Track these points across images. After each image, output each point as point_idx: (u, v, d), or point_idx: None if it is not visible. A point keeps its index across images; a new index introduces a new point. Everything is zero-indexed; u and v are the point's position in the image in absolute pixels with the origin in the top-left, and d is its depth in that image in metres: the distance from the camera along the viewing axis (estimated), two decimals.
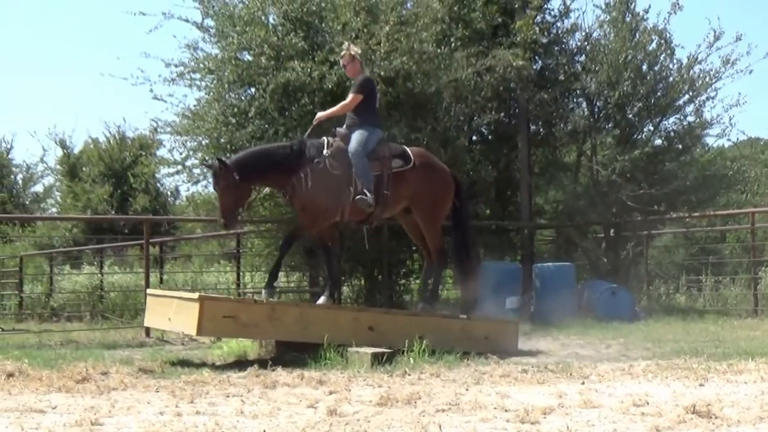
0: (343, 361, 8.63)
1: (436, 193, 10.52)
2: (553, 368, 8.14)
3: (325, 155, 9.94)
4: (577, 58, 17.75)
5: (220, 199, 9.92)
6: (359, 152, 9.98)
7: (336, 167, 9.92)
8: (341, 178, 9.93)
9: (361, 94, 10.30)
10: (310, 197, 9.86)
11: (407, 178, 10.28)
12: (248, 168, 9.78)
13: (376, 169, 10.09)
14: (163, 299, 10.05)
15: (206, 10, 14.88)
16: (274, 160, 9.93)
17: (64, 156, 33.83)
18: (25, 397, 6.72)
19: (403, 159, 10.34)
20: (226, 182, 9.70)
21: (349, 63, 10.64)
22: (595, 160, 17.12)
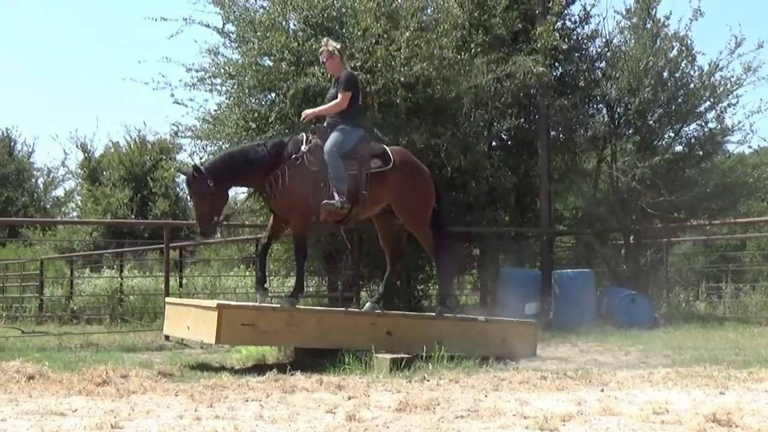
0: (362, 366, 8.62)
1: (418, 194, 10.28)
2: (573, 375, 8.11)
3: (303, 151, 9.69)
4: (597, 64, 17.70)
5: (195, 206, 9.78)
6: (334, 152, 9.70)
7: (314, 164, 9.67)
8: (318, 175, 9.67)
9: (350, 91, 10.01)
10: (291, 194, 9.63)
11: (387, 179, 10.01)
12: (222, 172, 9.55)
13: (354, 168, 9.83)
14: (181, 308, 10.00)
15: (227, 16, 14.97)
16: (249, 159, 9.71)
17: (85, 160, 33.98)
18: (45, 399, 6.75)
19: (383, 159, 10.06)
20: (199, 189, 9.48)
21: (329, 59, 10.33)
22: (615, 166, 17.05)
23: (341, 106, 10.00)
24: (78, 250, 27.08)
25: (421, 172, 10.50)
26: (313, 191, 9.63)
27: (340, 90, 10.02)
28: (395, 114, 14.11)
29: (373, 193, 9.94)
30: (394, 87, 13.85)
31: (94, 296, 19.18)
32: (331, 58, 10.27)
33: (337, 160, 9.67)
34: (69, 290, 20.15)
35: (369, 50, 13.90)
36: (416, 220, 10.30)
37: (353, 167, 9.82)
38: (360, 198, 9.81)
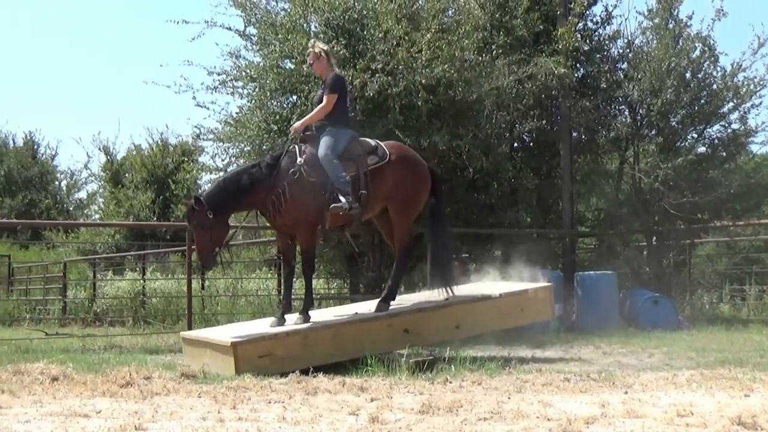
0: (384, 368, 8.61)
1: (412, 187, 10.13)
2: (596, 377, 8.08)
3: (300, 163, 9.55)
4: (619, 65, 17.63)
5: (195, 238, 9.51)
6: (329, 156, 9.58)
7: (312, 174, 9.52)
8: (317, 184, 9.53)
9: (335, 93, 9.87)
10: (297, 210, 9.50)
11: (385, 174, 9.90)
12: (220, 201, 9.36)
13: (351, 169, 9.69)
14: (197, 343, 9.87)
15: (248, 18, 15.01)
16: (245, 184, 9.50)
17: (108, 162, 34.15)
18: (69, 401, 6.79)
19: (378, 155, 9.94)
20: (199, 221, 9.28)
21: (315, 61, 10.18)
22: (638, 167, 16.97)
23: (327, 109, 9.87)
24: (101, 253, 27.21)
25: (420, 166, 10.37)
26: (315, 202, 9.52)
27: (326, 92, 9.91)
28: (416, 116, 14.10)
29: (375, 191, 9.85)
30: (416, 89, 13.84)
31: (117, 298, 19.28)
32: (318, 60, 10.15)
33: (333, 163, 9.56)
34: (92, 292, 20.26)
35: (390, 52, 13.90)
36: (403, 211, 10.14)
37: (350, 168, 9.70)
38: (361, 198, 9.70)
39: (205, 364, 8.99)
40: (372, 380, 7.92)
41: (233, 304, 17.05)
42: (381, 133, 13.73)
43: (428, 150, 14.04)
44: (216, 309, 17.03)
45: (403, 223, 10.18)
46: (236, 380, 7.96)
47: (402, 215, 10.13)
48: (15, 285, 25.22)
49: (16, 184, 36.47)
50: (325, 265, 16.50)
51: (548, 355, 10.72)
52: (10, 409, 6.40)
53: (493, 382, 7.77)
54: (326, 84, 9.97)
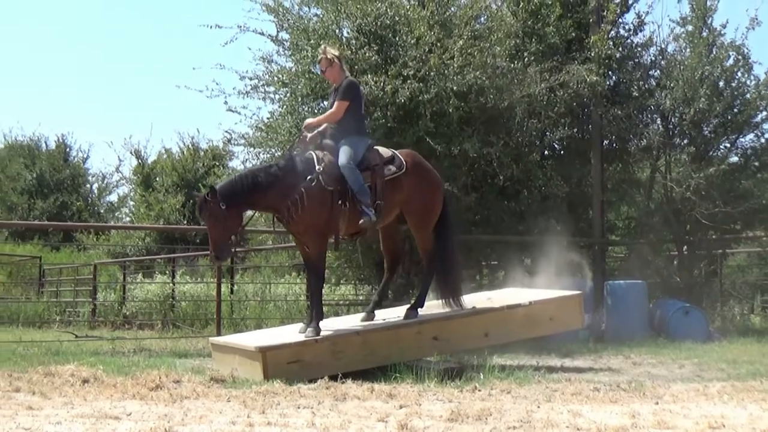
0: (413, 375, 8.59)
1: (428, 196, 10.10)
2: (626, 387, 8.03)
3: (318, 171, 9.38)
4: (651, 73, 17.53)
5: (209, 230, 9.32)
6: (351, 165, 9.46)
7: (330, 183, 9.36)
8: (335, 193, 9.39)
9: (346, 100, 9.74)
10: (311, 217, 9.35)
11: (401, 184, 9.83)
12: (234, 194, 9.21)
13: (368, 179, 9.59)
14: (226, 348, 9.89)
15: (281, 24, 15.04)
16: (260, 182, 9.33)
17: (139, 166, 34.39)
18: (100, 403, 6.83)
19: (395, 165, 9.84)
20: (211, 212, 9.13)
21: (328, 67, 10.01)
22: (669, 177, 16.86)
23: (337, 115, 9.76)
24: (131, 255, 27.38)
25: (432, 174, 10.35)
26: (330, 211, 9.41)
27: (338, 98, 9.79)
28: (448, 123, 14.09)
29: (390, 201, 9.76)
30: (447, 96, 13.83)
31: (146, 302, 19.37)
32: (330, 66, 10.00)
33: (355, 173, 9.47)
34: (122, 295, 20.37)
35: (422, 59, 13.91)
36: (422, 223, 10.12)
37: (367, 178, 9.59)
38: (377, 208, 9.60)
39: (234, 370, 9.00)
40: (401, 387, 7.91)
41: (262, 309, 17.09)
42: (412, 140, 13.76)
43: (459, 157, 14.04)
44: (245, 313, 17.08)
45: (424, 232, 10.16)
46: (265, 385, 7.97)
47: (421, 225, 10.13)
48: (46, 286, 25.40)
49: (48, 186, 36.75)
50: (353, 271, 16.50)
51: (577, 364, 10.67)
52: (41, 411, 6.45)
53: (522, 391, 7.74)
54: (339, 90, 9.85)
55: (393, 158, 9.89)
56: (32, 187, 36.38)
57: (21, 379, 8.24)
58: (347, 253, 15.38)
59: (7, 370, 8.99)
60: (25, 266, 27.60)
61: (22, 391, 7.54)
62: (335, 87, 10.01)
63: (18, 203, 35.51)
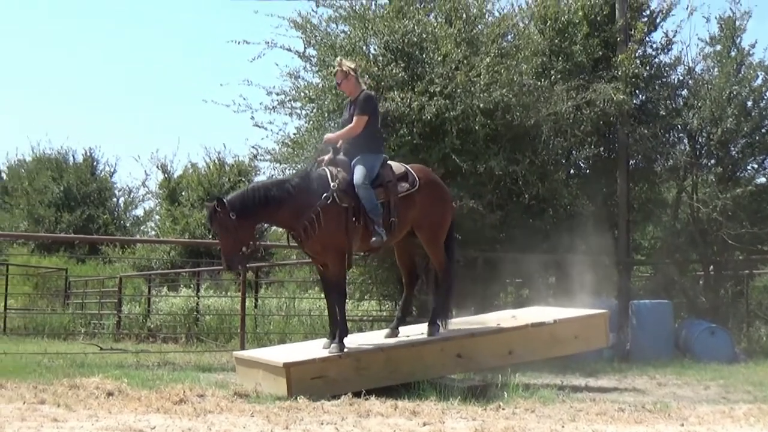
0: (436, 392, 8.57)
1: (440, 212, 9.98)
2: (651, 408, 7.98)
3: (333, 188, 9.24)
4: (679, 92, 17.45)
5: (219, 240, 9.30)
6: (365, 184, 9.33)
7: (344, 200, 9.24)
8: (349, 211, 9.27)
9: (365, 114, 9.57)
10: (329, 236, 9.21)
11: (414, 200, 9.69)
12: (244, 206, 9.09)
13: (382, 196, 9.45)
14: (250, 363, 9.88)
15: (308, 40, 15.10)
16: (273, 196, 9.19)
17: (165, 180, 34.56)
18: (124, 416, 6.85)
19: (408, 181, 9.68)
20: (221, 222, 9.03)
21: (343, 80, 9.83)
22: (696, 197, 16.78)
23: (356, 130, 9.58)
24: (156, 269, 27.48)
25: (444, 190, 10.27)
26: (347, 228, 9.28)
27: (357, 113, 9.60)
28: (473, 140, 14.09)
29: (403, 218, 9.63)
30: (473, 113, 13.83)
31: (171, 315, 19.42)
32: (346, 79, 9.82)
33: (370, 191, 9.36)
34: (146, 308, 20.43)
35: (449, 76, 13.93)
36: (435, 238, 9.98)
37: (381, 195, 9.47)
38: (392, 226, 9.50)
39: (258, 384, 9.00)
40: (424, 404, 7.89)
41: (286, 324, 17.09)
42: (437, 157, 13.78)
43: (484, 174, 14.03)
44: (268, 328, 17.08)
45: (437, 248, 10.02)
46: (289, 401, 7.97)
47: (433, 241, 9.99)
48: (71, 299, 25.54)
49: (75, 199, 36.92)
50: (377, 287, 16.48)
51: (602, 384, 10.62)
52: (66, 423, 6.48)
53: (547, 410, 7.71)
54: (357, 104, 9.67)
55: (406, 174, 9.78)
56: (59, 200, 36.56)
57: (46, 391, 8.28)
58: (371, 268, 15.39)
59: (33, 381, 9.04)
60: (51, 278, 27.77)
61: (48, 403, 7.57)
62: (351, 100, 9.86)
63: (45, 216, 35.69)
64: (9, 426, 6.31)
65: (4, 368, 10.59)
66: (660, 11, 17.43)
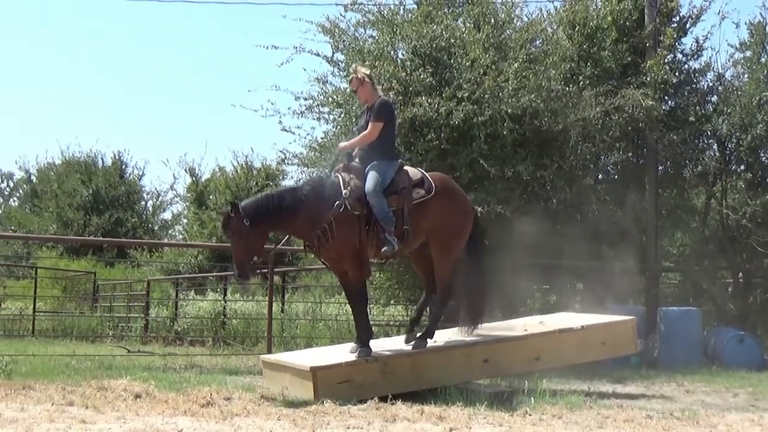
0: (463, 397, 8.55)
1: (456, 222, 9.66)
2: (679, 415, 7.93)
3: (345, 196, 9.10)
4: (708, 98, 17.34)
5: (232, 247, 9.15)
6: (377, 191, 9.16)
7: (356, 207, 9.10)
8: (362, 218, 9.12)
9: (381, 121, 9.43)
10: (345, 244, 9.10)
11: (429, 208, 9.43)
12: (258, 213, 9.01)
13: (395, 203, 9.27)
14: (276, 366, 9.85)
15: (336, 45, 15.14)
16: (286, 204, 9.11)
17: (193, 184, 34.71)
18: (152, 418, 6.89)
19: (424, 188, 9.45)
20: (235, 228, 8.95)
21: (359, 87, 9.69)
22: (725, 203, 16.67)
23: (371, 137, 9.46)
24: (183, 273, 27.58)
25: (463, 198, 9.99)
26: (360, 236, 9.15)
27: (372, 119, 9.48)
28: (501, 145, 14.06)
29: (417, 226, 9.41)
30: (501, 118, 13.81)
31: (198, 318, 19.48)
32: (362, 86, 9.68)
33: (381, 199, 9.17)
34: (174, 312, 20.51)
35: (477, 81, 13.91)
36: (447, 248, 9.64)
37: (395, 202, 9.28)
38: (405, 234, 9.31)
39: (285, 388, 9.02)
40: (451, 410, 7.87)
41: (312, 328, 17.10)
42: (465, 161, 13.76)
43: (512, 180, 14.00)
44: (295, 332, 17.11)
45: (446, 259, 9.69)
46: (315, 404, 7.98)
47: (445, 251, 9.65)
48: (99, 301, 25.68)
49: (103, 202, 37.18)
50: (403, 291, 16.47)
51: (629, 390, 10.56)
52: (94, 425, 6.52)
53: (574, 417, 7.68)
54: (373, 110, 9.53)
55: (422, 181, 9.56)
56: (88, 203, 36.82)
57: (74, 393, 8.34)
58: (397, 273, 15.38)
59: (61, 383, 9.10)
60: (80, 281, 27.94)
61: (76, 405, 7.62)
62: (368, 107, 9.73)
63: (74, 219, 35.94)
64: (38, 427, 6.36)
65: (33, 370, 10.67)
66: (690, 17, 17.33)
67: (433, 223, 9.49)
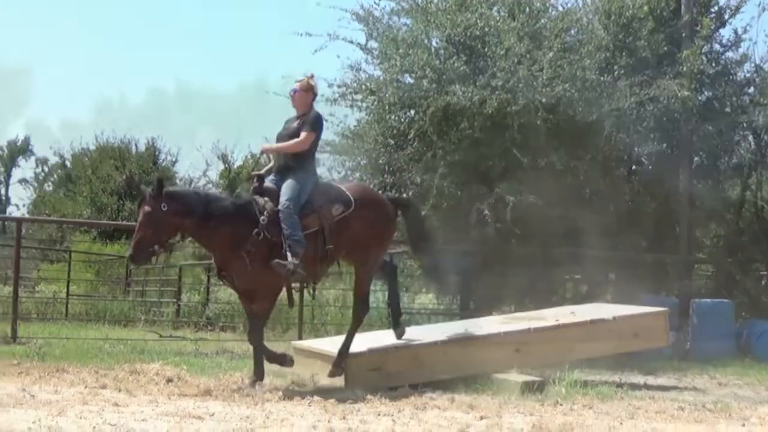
0: (494, 387, 8.54)
1: (378, 233, 9.18)
2: (711, 407, 7.89)
3: (263, 223, 8.43)
4: (745, 90, 17.16)
5: (138, 226, 8.32)
6: (290, 210, 8.51)
7: (274, 233, 8.42)
8: (279, 245, 8.42)
9: (315, 132, 8.94)
10: (259, 276, 8.38)
11: (349, 223, 8.86)
12: (181, 205, 8.37)
13: (314, 224, 8.65)
14: (308, 353, 9.90)
15: (370, 32, 15.13)
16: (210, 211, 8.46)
17: (225, 170, 34.80)
18: (184, 402, 6.94)
19: (343, 203, 8.86)
20: (150, 208, 8.24)
21: (302, 92, 9.11)
22: (760, 195, 16.53)
23: (304, 145, 8.85)
24: None
25: (383, 207, 9.39)
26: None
27: (306, 128, 8.88)
28: (535, 135, 13.99)
29: (339, 243, 8.86)
30: (535, 108, 13.73)
31: (229, 304, 19.53)
32: (305, 93, 9.12)
33: (293, 218, 8.51)
34: (205, 297, 20.59)
35: (511, 70, 13.84)
36: (368, 260, 9.21)
37: (314, 222, 8.68)
38: (328, 254, 8.80)
39: (315, 374, 9.05)
40: (481, 398, 7.88)
41: (342, 315, 17.12)
42: (498, 151, 13.72)
43: (545, 169, 13.94)
44: (325, 319, 17.14)
45: (367, 272, 9.32)
46: (345, 391, 8.00)
47: (366, 264, 9.25)
48: (132, 286, 25.82)
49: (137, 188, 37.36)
50: None
51: (661, 382, 10.51)
52: (126, 407, 6.57)
53: (605, 407, 7.66)
54: (307, 120, 8.95)
55: (341, 196, 8.97)
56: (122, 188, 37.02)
57: (107, 376, 8.42)
58: None
59: (94, 366, 9.19)
60: (113, 265, 28.11)
61: (109, 388, 7.69)
62: (298, 115, 9.11)
63: (108, 204, 36.13)
64: (71, 409, 6.41)
65: (67, 353, 10.77)
66: (728, 7, 17.15)
67: (355, 237, 8.97)
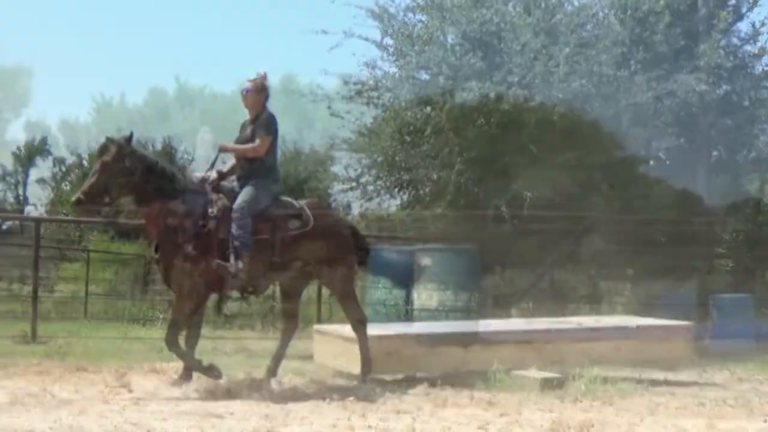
0: (513, 384, 8.51)
1: (343, 258, 8.81)
2: (732, 403, 7.83)
3: (212, 215, 8.04)
4: (764, 83, 17.08)
5: (93, 174, 7.97)
6: (244, 213, 8.08)
7: (222, 231, 8.01)
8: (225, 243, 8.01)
9: (270, 136, 8.41)
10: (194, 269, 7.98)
11: (304, 241, 8.42)
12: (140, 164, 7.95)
13: (266, 233, 8.21)
14: (329, 336, 9.93)
15: (386, 30, 15.19)
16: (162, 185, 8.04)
17: None
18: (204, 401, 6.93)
19: (301, 220, 8.44)
20: (111, 160, 7.84)
21: (254, 92, 8.59)
22: None
23: (260, 152, 8.36)
24: None
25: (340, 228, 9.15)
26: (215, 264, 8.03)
27: (261, 133, 8.38)
28: (551, 130, 13.96)
29: (289, 258, 8.44)
30: (552, 103, 13.70)
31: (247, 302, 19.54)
32: (257, 93, 8.60)
33: (246, 220, 8.10)
34: None
35: (527, 66, 13.84)
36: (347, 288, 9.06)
37: (265, 231, 8.25)
38: (273, 266, 8.38)
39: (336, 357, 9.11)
40: (501, 395, 7.84)
41: None
42: (515, 146, 13.68)
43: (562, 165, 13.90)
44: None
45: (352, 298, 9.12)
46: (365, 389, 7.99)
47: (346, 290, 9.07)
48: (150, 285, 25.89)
49: None
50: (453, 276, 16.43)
51: (681, 378, 10.42)
52: (147, 406, 6.58)
53: (625, 404, 7.61)
54: (260, 123, 8.48)
55: (300, 213, 8.52)
56: None
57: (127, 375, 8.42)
58: None
59: (114, 365, 9.19)
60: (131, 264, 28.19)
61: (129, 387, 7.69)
62: (251, 118, 8.63)
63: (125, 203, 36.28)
64: (92, 408, 6.43)
65: (87, 352, 10.79)
66: (746, 0, 17.06)
67: (315, 259, 8.65)
